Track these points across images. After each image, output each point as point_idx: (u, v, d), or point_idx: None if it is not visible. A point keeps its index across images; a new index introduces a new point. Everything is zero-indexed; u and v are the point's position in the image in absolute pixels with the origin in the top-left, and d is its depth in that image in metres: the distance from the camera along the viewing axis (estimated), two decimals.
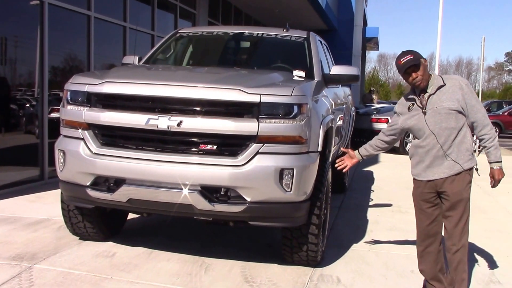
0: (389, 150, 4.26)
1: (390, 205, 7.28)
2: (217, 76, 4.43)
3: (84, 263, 4.26)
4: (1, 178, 6.89)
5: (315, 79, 4.94)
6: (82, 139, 4.07)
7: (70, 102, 4.17)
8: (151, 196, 3.91)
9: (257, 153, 3.80)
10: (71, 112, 4.15)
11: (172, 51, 5.97)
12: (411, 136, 3.88)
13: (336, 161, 4.18)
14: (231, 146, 3.86)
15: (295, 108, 3.85)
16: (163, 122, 3.81)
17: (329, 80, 5.27)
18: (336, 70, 5.22)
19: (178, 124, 3.79)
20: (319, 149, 4.20)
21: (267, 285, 4.00)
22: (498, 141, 3.70)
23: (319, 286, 4.03)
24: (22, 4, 7.37)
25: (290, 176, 3.82)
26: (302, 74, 4.67)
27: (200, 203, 3.81)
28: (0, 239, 4.79)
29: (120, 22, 9.74)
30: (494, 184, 3.67)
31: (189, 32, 6.18)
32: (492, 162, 3.62)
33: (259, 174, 3.78)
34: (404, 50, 3.61)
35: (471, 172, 3.61)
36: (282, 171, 3.80)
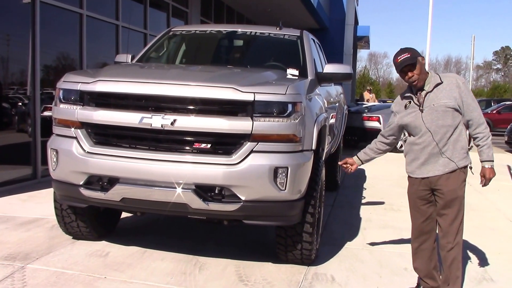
0: None
1: (382, 203, 7.30)
2: (211, 74, 4.41)
3: (77, 263, 4.24)
4: None
5: (309, 78, 4.93)
6: (75, 138, 4.05)
7: (62, 100, 4.14)
8: (145, 195, 3.89)
9: (251, 151, 3.79)
10: (63, 110, 4.12)
11: (165, 49, 5.94)
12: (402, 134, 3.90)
13: (339, 162, 4.19)
14: (225, 144, 3.85)
15: (289, 106, 3.84)
16: (157, 121, 3.79)
17: (322, 79, 5.27)
18: (329, 69, 5.22)
19: (172, 123, 3.77)
20: (313, 147, 4.20)
21: (261, 283, 4.00)
22: None
23: (314, 285, 4.03)
24: (13, 2, 7.32)
25: (284, 174, 3.82)
26: (296, 72, 4.67)
27: (194, 202, 3.80)
28: None
29: (112, 20, 9.70)
30: (485, 183, 3.66)
31: (182, 30, 6.15)
32: (483, 160, 3.62)
33: (254, 173, 3.77)
34: (402, 48, 3.61)
35: (466, 170, 3.62)
36: (276, 170, 3.80)
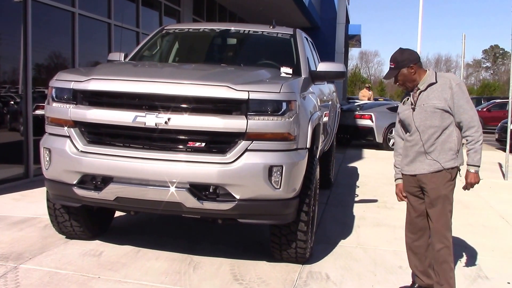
0: (372, 145, 4.24)
1: (375, 200, 7.32)
2: (205, 72, 4.40)
3: (71, 263, 4.21)
4: None
5: (302, 76, 4.93)
6: (68, 137, 4.02)
7: (55, 99, 4.11)
8: (139, 194, 3.88)
9: (246, 150, 3.78)
10: (56, 109, 4.09)
11: (158, 47, 5.91)
12: (393, 132, 3.90)
13: (397, 199, 3.90)
14: (219, 143, 3.83)
15: (284, 105, 3.84)
16: (151, 120, 3.77)
17: (316, 77, 5.27)
18: (323, 67, 5.22)
19: (166, 122, 3.75)
20: (308, 145, 4.20)
21: (256, 282, 3.99)
22: None
23: (309, 283, 4.03)
24: (5, 1, 7.25)
25: (279, 173, 3.81)
26: (289, 70, 4.67)
27: (188, 201, 3.79)
28: None
29: (104, 19, 9.65)
30: (465, 187, 3.60)
31: (175, 28, 6.13)
32: (468, 164, 3.56)
33: (248, 172, 3.76)
34: (397, 50, 3.66)
35: (454, 171, 3.57)
36: (271, 168, 3.79)
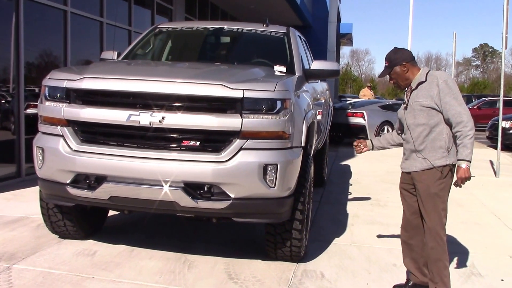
0: None
1: (368, 198, 7.35)
2: (199, 71, 4.39)
3: (64, 263, 4.19)
4: None
5: (296, 74, 4.93)
6: (62, 136, 3.99)
7: (48, 98, 4.08)
8: (133, 193, 3.86)
9: (240, 149, 3.77)
10: (49, 108, 4.06)
11: (151, 46, 5.88)
12: (385, 129, 3.97)
13: (353, 144, 4.19)
14: (214, 142, 3.82)
15: (279, 103, 3.83)
16: (145, 118, 3.76)
17: (309, 75, 5.27)
18: (317, 65, 5.22)
19: (160, 120, 3.74)
20: (302, 144, 4.20)
21: (251, 281, 3.98)
22: None
23: (304, 282, 4.03)
24: None
25: (274, 171, 3.81)
26: (283, 69, 4.66)
27: (183, 200, 3.77)
28: None
29: (96, 17, 9.60)
30: (456, 183, 3.54)
31: (168, 27, 6.10)
32: (458, 159, 3.50)
33: (243, 170, 3.75)
34: (392, 49, 3.69)
35: (445, 169, 3.54)
36: (266, 167, 3.79)
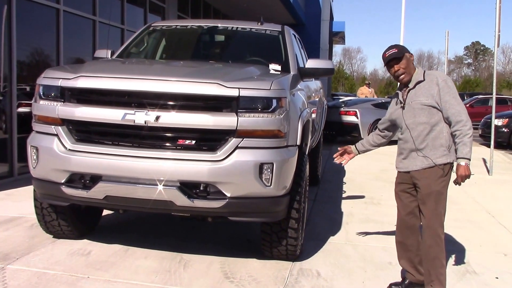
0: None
1: (362, 197, 7.36)
2: (194, 69, 4.37)
3: (59, 263, 4.16)
4: None
5: (291, 73, 4.92)
6: (56, 135, 3.96)
7: (42, 97, 4.05)
8: (129, 192, 3.83)
9: (236, 147, 3.76)
10: (44, 107, 4.03)
11: (145, 44, 5.85)
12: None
13: (333, 156, 4.24)
14: (210, 141, 3.81)
15: (274, 102, 3.82)
16: (140, 117, 3.74)
17: (304, 74, 5.27)
18: (312, 64, 5.22)
19: (156, 119, 3.72)
20: (298, 142, 4.20)
21: (247, 280, 3.98)
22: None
23: (300, 280, 4.03)
24: None
25: (269, 170, 3.80)
26: (278, 67, 4.65)
27: (179, 199, 3.76)
28: None
29: (89, 16, 9.55)
30: (456, 181, 3.57)
31: (162, 25, 6.07)
32: (457, 157, 3.55)
33: (239, 169, 3.74)
34: (392, 44, 3.71)
35: (446, 168, 3.59)
36: (261, 166, 3.78)
